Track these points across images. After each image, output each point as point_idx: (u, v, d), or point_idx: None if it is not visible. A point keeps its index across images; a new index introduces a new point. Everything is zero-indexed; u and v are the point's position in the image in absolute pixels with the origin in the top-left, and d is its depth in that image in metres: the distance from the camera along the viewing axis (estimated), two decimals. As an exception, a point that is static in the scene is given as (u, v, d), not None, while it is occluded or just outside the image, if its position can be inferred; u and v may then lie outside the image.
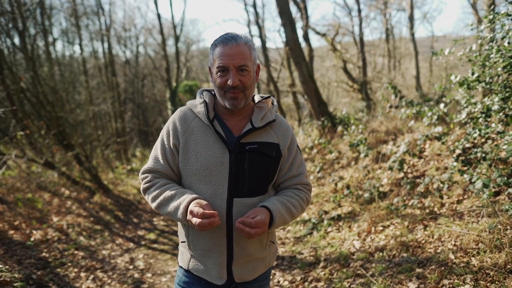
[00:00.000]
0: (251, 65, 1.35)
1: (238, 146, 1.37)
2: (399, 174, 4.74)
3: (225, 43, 1.32)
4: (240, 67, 1.31)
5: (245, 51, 1.33)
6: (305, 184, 1.54)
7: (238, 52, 1.31)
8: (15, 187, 5.94)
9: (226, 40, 1.32)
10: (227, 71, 1.32)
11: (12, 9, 7.02)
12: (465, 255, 2.61)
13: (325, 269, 3.45)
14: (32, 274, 3.64)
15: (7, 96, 6.41)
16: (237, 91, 1.33)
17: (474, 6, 12.01)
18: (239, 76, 1.32)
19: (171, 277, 4.21)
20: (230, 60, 1.30)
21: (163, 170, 1.45)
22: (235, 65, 1.30)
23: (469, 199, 3.52)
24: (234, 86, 1.31)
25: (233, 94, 1.33)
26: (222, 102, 1.38)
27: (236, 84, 1.31)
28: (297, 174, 1.51)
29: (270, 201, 1.40)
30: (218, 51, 1.33)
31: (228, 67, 1.31)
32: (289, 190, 1.51)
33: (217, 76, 1.34)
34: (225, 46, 1.31)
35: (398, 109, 6.60)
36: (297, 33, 7.94)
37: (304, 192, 1.52)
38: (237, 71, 1.31)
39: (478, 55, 3.45)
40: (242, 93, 1.34)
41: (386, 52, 18.65)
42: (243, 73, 1.32)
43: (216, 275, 1.42)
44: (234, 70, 1.31)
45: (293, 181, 1.51)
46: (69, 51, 16.76)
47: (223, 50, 1.31)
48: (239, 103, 1.35)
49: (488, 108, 3.41)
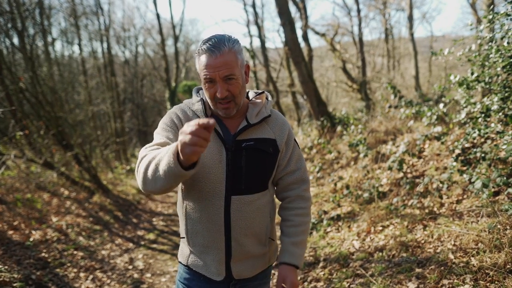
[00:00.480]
0: (238, 72, 1.32)
1: (234, 144, 1.38)
2: (399, 174, 4.74)
3: (209, 53, 1.27)
4: (227, 77, 1.29)
5: (231, 59, 1.28)
6: (305, 182, 1.53)
7: (223, 63, 1.27)
8: (14, 187, 5.93)
9: (210, 51, 1.27)
10: (214, 82, 1.30)
11: (11, 9, 7.02)
12: (464, 255, 2.61)
13: (325, 269, 3.45)
14: (31, 274, 3.64)
15: (6, 96, 6.40)
16: (227, 102, 1.33)
17: (473, 6, 12.02)
18: (226, 85, 1.30)
19: (170, 277, 4.21)
20: (216, 72, 1.27)
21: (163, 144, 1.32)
22: (221, 76, 1.28)
23: (468, 199, 3.52)
24: (223, 97, 1.31)
25: (224, 105, 1.34)
26: (214, 109, 1.39)
27: (224, 96, 1.30)
28: (295, 169, 1.51)
29: (284, 252, 1.48)
30: (203, 61, 1.29)
31: (214, 78, 1.29)
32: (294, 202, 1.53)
33: (206, 87, 1.33)
34: (209, 57, 1.27)
35: (397, 109, 6.60)
36: (296, 33, 7.94)
37: (303, 204, 1.53)
38: (224, 81, 1.29)
39: (477, 55, 3.45)
40: (232, 102, 1.34)
41: (385, 52, 18.67)
42: (230, 82, 1.30)
43: (215, 271, 1.43)
44: (221, 81, 1.29)
45: (292, 177, 1.51)
46: (68, 51, 16.78)
47: (208, 61, 1.28)
48: (231, 112, 1.36)
49: (487, 108, 3.41)
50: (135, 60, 23.04)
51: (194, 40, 28.57)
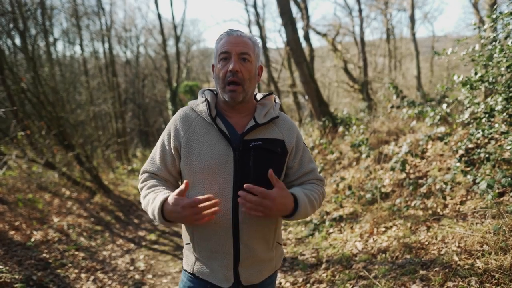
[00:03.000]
0: (254, 57, 1.37)
1: (242, 143, 1.35)
2: (401, 174, 4.71)
3: (230, 33, 1.37)
4: (242, 54, 1.33)
5: (249, 42, 1.36)
6: (320, 180, 1.52)
7: (241, 41, 1.34)
8: (15, 187, 5.92)
9: (231, 31, 1.37)
10: (229, 58, 1.33)
11: (13, 10, 7.01)
12: (469, 257, 2.58)
13: (327, 271, 3.43)
14: (32, 275, 3.62)
15: (8, 96, 6.40)
16: (236, 85, 1.33)
17: (476, 6, 11.98)
18: (240, 65, 1.33)
19: (172, 278, 4.19)
20: (233, 47, 1.33)
21: (158, 172, 1.44)
22: (237, 51, 1.32)
23: (472, 200, 3.49)
24: (235, 70, 1.31)
25: (232, 87, 1.33)
26: (222, 96, 1.38)
27: (236, 69, 1.31)
28: (310, 170, 1.49)
29: (294, 189, 1.37)
30: (223, 41, 1.36)
31: (230, 52, 1.32)
32: (307, 184, 1.48)
33: (219, 66, 1.35)
34: (229, 36, 1.36)
35: (399, 109, 6.57)
36: (297, 33, 7.92)
37: (321, 187, 1.50)
38: (238, 58, 1.33)
39: (481, 55, 3.42)
40: (241, 87, 1.34)
41: (387, 52, 18.62)
42: (244, 63, 1.34)
43: (222, 278, 1.39)
44: (236, 56, 1.33)
45: (307, 177, 1.49)
46: (70, 52, 16.73)
47: (227, 39, 1.35)
48: (237, 96, 1.34)
49: (491, 108, 3.38)
50: (136, 60, 23.02)
51: (196, 41, 28.64)
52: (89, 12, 14.26)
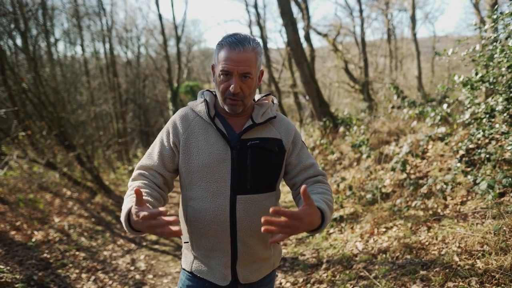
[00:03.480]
0: (255, 72, 1.34)
1: (239, 142, 1.36)
2: (402, 175, 4.71)
3: (233, 47, 1.28)
4: (244, 74, 1.30)
5: (251, 58, 1.30)
6: (323, 175, 1.49)
7: (244, 59, 1.28)
8: (16, 187, 5.93)
9: (234, 45, 1.28)
10: (230, 75, 1.31)
11: (14, 10, 7.03)
12: (470, 258, 2.58)
13: (328, 271, 3.43)
14: (33, 275, 3.63)
15: (9, 96, 6.41)
16: (236, 99, 1.33)
17: (476, 6, 11.98)
18: (241, 83, 1.31)
19: (172, 278, 4.19)
20: (235, 66, 1.28)
21: (154, 166, 1.40)
22: (239, 71, 1.29)
23: (473, 200, 3.49)
24: (236, 93, 1.31)
25: (232, 101, 1.34)
26: (222, 105, 1.39)
27: (237, 92, 1.30)
28: (310, 165, 1.47)
29: (317, 201, 1.26)
30: (224, 54, 1.30)
31: (232, 72, 1.29)
32: (317, 185, 1.43)
33: (220, 80, 1.34)
34: (232, 51, 1.28)
35: (400, 110, 6.57)
36: (298, 33, 7.93)
37: (329, 185, 1.47)
38: (240, 77, 1.30)
39: (481, 55, 3.42)
40: (240, 101, 1.34)
41: (388, 53, 18.62)
42: (245, 80, 1.32)
43: (220, 276, 1.40)
44: (237, 76, 1.29)
45: (309, 172, 1.46)
46: (71, 52, 16.76)
47: (229, 54, 1.29)
48: (237, 109, 1.36)
49: (492, 108, 3.38)
50: (137, 60, 23.04)
51: (196, 41, 28.65)
52: (90, 12, 14.29)
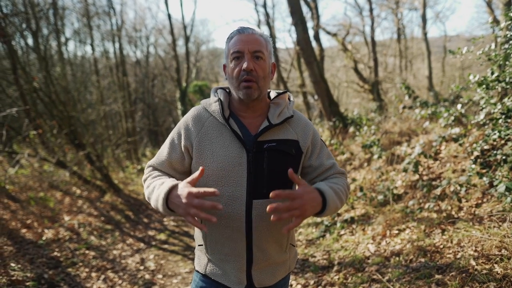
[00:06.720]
0: (267, 55, 1.33)
1: (255, 145, 1.31)
2: (414, 176, 4.63)
3: (241, 31, 1.32)
4: (255, 53, 1.29)
5: (261, 40, 1.32)
6: (341, 173, 1.46)
7: (254, 39, 1.30)
8: (27, 185, 5.98)
9: (242, 29, 1.33)
10: (242, 57, 1.29)
11: (25, 10, 7.09)
12: (487, 262, 2.51)
13: (339, 273, 3.38)
14: (43, 273, 3.64)
15: (21, 95, 6.48)
16: (251, 80, 1.28)
17: (490, 4, 11.75)
18: (253, 63, 1.29)
19: (182, 278, 4.18)
20: (245, 45, 1.28)
21: (163, 167, 1.42)
22: (250, 50, 1.28)
23: (488, 203, 3.40)
24: (249, 69, 1.27)
25: (247, 83, 1.28)
26: (236, 94, 1.33)
27: (250, 68, 1.27)
28: (330, 166, 1.43)
29: (316, 184, 1.29)
30: (234, 40, 1.32)
31: (243, 51, 1.28)
32: (330, 177, 1.42)
33: (232, 66, 1.31)
34: (241, 34, 1.31)
35: (412, 110, 6.46)
36: (308, 32, 7.86)
37: (344, 179, 1.44)
38: (252, 56, 1.29)
39: (497, 54, 3.33)
40: (255, 84, 1.29)
41: (398, 52, 18.42)
42: (258, 61, 1.29)
43: (235, 280, 1.36)
44: (249, 55, 1.28)
45: (329, 172, 1.43)
46: (81, 51, 17.02)
47: (238, 37, 1.31)
48: (253, 93, 1.30)
49: (508, 108, 3.29)
50: (146, 60, 23.17)
51: (205, 41, 28.69)
52: (100, 12, 14.40)
